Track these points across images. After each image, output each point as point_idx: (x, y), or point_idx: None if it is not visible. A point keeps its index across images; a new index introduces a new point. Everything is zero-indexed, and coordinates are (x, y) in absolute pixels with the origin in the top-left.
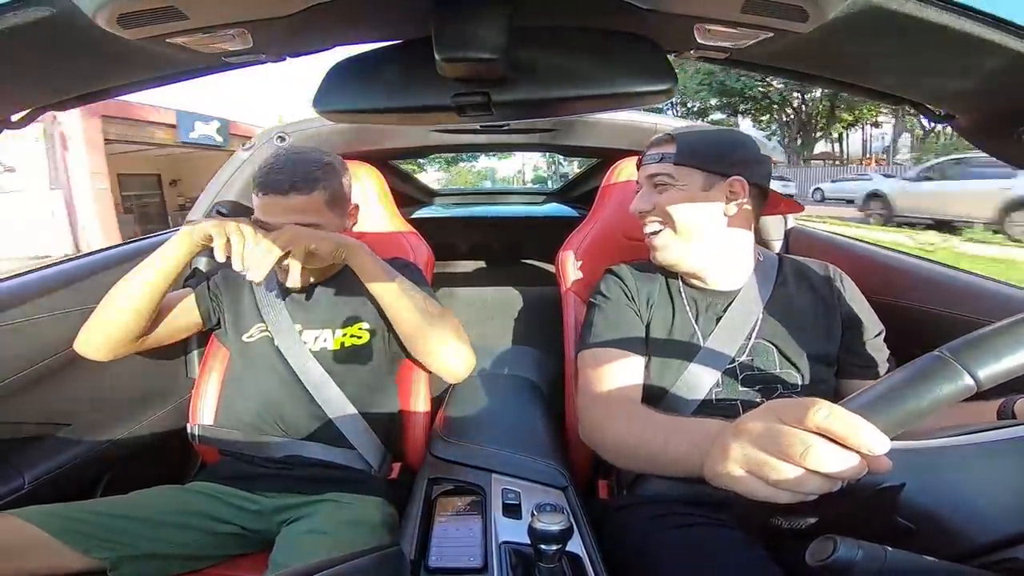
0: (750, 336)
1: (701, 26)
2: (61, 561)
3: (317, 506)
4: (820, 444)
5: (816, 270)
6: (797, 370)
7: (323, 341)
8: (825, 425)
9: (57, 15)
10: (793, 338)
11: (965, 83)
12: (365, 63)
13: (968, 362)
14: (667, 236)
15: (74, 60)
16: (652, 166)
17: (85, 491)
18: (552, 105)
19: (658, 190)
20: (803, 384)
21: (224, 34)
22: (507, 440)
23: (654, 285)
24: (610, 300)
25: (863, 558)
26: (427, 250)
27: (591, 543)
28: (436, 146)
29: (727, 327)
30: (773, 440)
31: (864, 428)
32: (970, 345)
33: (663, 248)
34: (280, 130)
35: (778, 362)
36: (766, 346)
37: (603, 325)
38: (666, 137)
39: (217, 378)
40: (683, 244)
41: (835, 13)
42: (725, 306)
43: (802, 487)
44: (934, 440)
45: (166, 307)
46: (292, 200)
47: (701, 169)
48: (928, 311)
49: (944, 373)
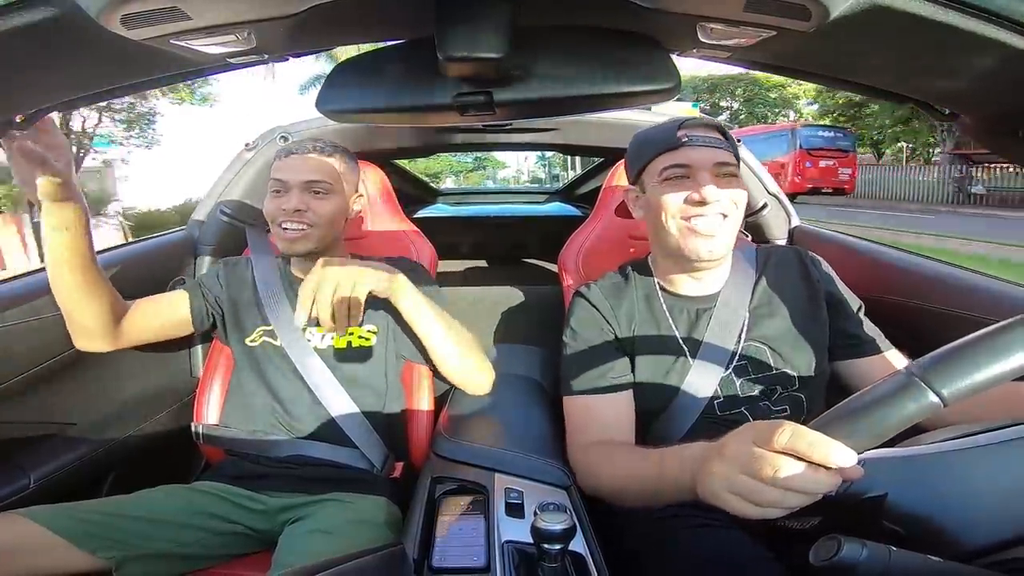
0: (739, 339)
1: (704, 25)
2: (67, 561)
3: (321, 505)
4: (787, 464)
5: (791, 256)
6: (793, 366)
7: (327, 340)
8: (790, 446)
9: (61, 16)
10: (784, 333)
11: (970, 82)
12: (367, 63)
13: (933, 380)
14: (727, 228)
15: (78, 61)
16: (716, 152)
17: (90, 490)
18: (554, 104)
19: (724, 179)
20: (800, 377)
21: (227, 34)
22: (510, 439)
23: (631, 302)
24: (580, 336)
25: (867, 558)
26: (430, 249)
27: (594, 543)
28: (438, 145)
29: (715, 334)
30: (748, 463)
31: (826, 445)
32: (936, 363)
33: (719, 240)
34: (283, 130)
35: (773, 361)
36: (758, 347)
37: (579, 368)
38: (709, 121)
39: (221, 377)
40: (730, 238)
41: (838, 12)
42: (708, 312)
43: (784, 503)
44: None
45: (156, 304)
46: (310, 159)
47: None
48: (937, 310)
49: (910, 392)
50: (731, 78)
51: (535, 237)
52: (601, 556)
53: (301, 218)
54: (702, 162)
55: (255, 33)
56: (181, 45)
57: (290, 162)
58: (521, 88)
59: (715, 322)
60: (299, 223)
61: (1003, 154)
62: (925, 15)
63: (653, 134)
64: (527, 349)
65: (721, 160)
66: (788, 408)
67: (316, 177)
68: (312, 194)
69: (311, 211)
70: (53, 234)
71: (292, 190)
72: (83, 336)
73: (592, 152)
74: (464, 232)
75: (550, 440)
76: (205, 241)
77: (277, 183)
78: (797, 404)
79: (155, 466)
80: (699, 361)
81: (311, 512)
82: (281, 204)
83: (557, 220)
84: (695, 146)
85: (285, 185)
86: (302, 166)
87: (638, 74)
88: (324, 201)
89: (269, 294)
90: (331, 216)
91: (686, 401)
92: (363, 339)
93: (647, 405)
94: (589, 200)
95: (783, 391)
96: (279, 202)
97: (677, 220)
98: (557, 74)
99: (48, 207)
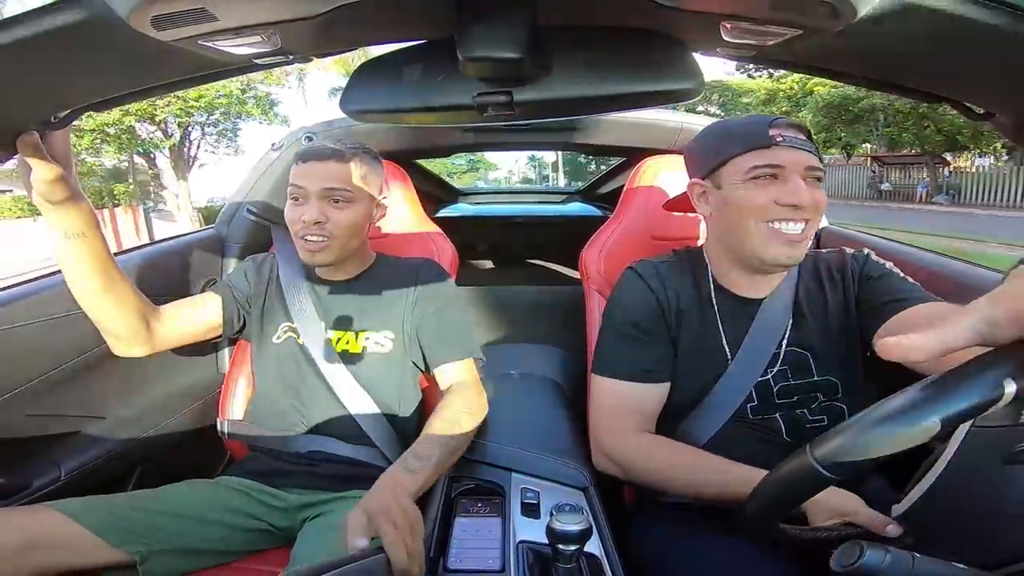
0: (781, 344)
1: (727, 23)
2: (92, 554)
3: (339, 503)
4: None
5: (832, 261)
6: (835, 376)
7: (346, 343)
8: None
9: (93, 17)
10: (826, 342)
11: (1003, 80)
12: (389, 63)
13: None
14: (808, 236)
15: (110, 61)
16: (807, 156)
17: (117, 484)
18: (575, 104)
19: (811, 184)
20: (844, 385)
21: (253, 35)
22: (528, 439)
23: (684, 289)
24: (628, 313)
25: (890, 564)
26: (451, 249)
27: (611, 545)
28: (460, 145)
29: (758, 336)
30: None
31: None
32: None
33: (801, 247)
34: (308, 130)
35: (815, 370)
36: (800, 354)
37: (620, 349)
38: (797, 123)
39: (247, 374)
40: (808, 247)
41: (866, 10)
42: (753, 314)
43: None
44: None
45: (187, 308)
46: (328, 164)
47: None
48: None
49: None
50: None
51: (555, 237)
52: (617, 558)
53: (321, 230)
54: (794, 165)
55: (280, 34)
56: (209, 46)
57: (308, 169)
58: (542, 88)
59: (759, 323)
60: (319, 235)
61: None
62: (956, 12)
63: (737, 129)
64: (546, 349)
65: (811, 164)
66: (826, 419)
67: (335, 185)
68: (331, 203)
69: (331, 222)
70: (63, 243)
71: (311, 199)
72: (116, 340)
73: (613, 152)
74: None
75: (568, 441)
76: (232, 240)
77: (296, 189)
78: (838, 416)
79: (180, 461)
80: (738, 362)
81: (329, 509)
82: (301, 215)
83: (577, 220)
84: (788, 147)
85: (304, 192)
86: (320, 173)
87: (660, 73)
88: (344, 211)
89: (293, 292)
90: (351, 225)
91: (720, 400)
92: (379, 344)
93: (680, 399)
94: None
95: (824, 399)
96: (299, 211)
97: (761, 222)
98: (577, 74)
99: (51, 212)
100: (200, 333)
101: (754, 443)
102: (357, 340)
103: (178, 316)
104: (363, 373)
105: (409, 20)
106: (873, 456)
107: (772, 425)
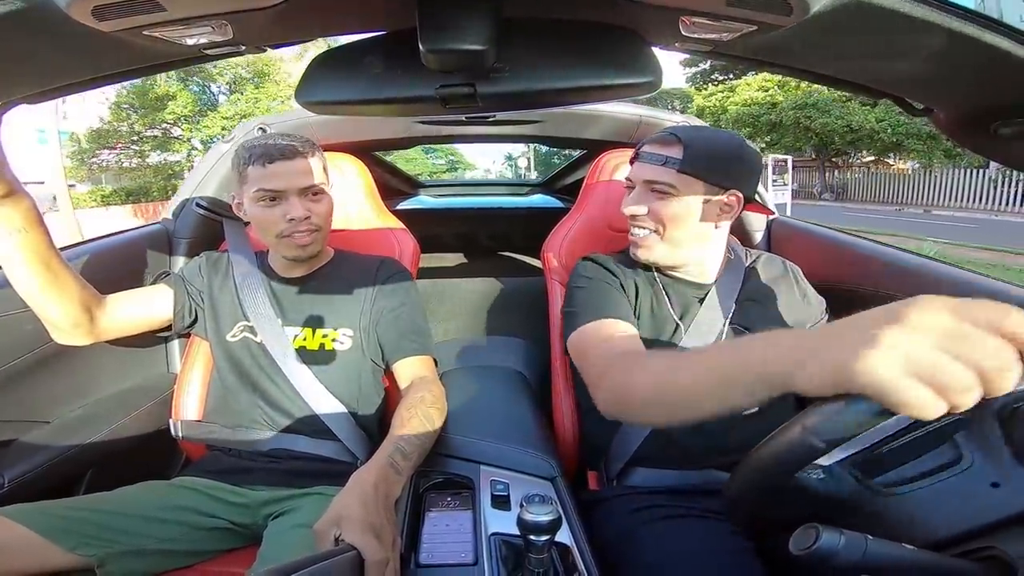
0: (725, 323)
1: (686, 19)
2: (47, 560)
3: (304, 499)
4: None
5: (776, 263)
6: None
7: (303, 340)
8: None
9: (29, 7)
10: (763, 321)
11: (943, 77)
12: (348, 54)
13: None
14: (654, 239)
15: (47, 53)
16: (653, 169)
17: (67, 489)
18: (538, 97)
19: (655, 195)
20: None
21: (203, 25)
22: (495, 431)
23: (634, 274)
24: (593, 279)
25: (845, 546)
26: (412, 242)
27: (580, 533)
28: (421, 137)
29: (705, 317)
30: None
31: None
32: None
33: (647, 249)
34: (261, 121)
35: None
36: (740, 331)
37: (590, 302)
38: (672, 137)
39: (200, 373)
40: (668, 248)
41: (818, 7)
42: (701, 298)
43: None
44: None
45: (137, 297)
46: (299, 162)
47: (704, 180)
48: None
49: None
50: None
51: (518, 229)
52: (587, 546)
53: (308, 224)
54: (637, 176)
55: (232, 24)
56: (155, 36)
57: (279, 169)
58: (505, 80)
59: (706, 306)
60: (307, 230)
61: (975, 150)
62: (902, 11)
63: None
64: (510, 340)
65: (652, 178)
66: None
67: (311, 181)
68: (310, 197)
69: (314, 215)
70: (3, 239)
71: (291, 198)
72: (57, 331)
73: (575, 144)
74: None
75: (535, 431)
76: (180, 235)
77: (268, 192)
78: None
79: (133, 463)
80: (688, 337)
81: (295, 506)
82: (285, 214)
83: (540, 212)
84: (640, 162)
85: (281, 194)
86: (294, 172)
87: (620, 67)
88: (322, 202)
89: (248, 289)
90: (329, 214)
91: None
92: (339, 343)
93: None
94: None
95: None
96: (281, 211)
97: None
98: (540, 67)
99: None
100: (146, 324)
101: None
102: (314, 337)
103: (124, 305)
104: (322, 370)
105: (368, 10)
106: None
107: None
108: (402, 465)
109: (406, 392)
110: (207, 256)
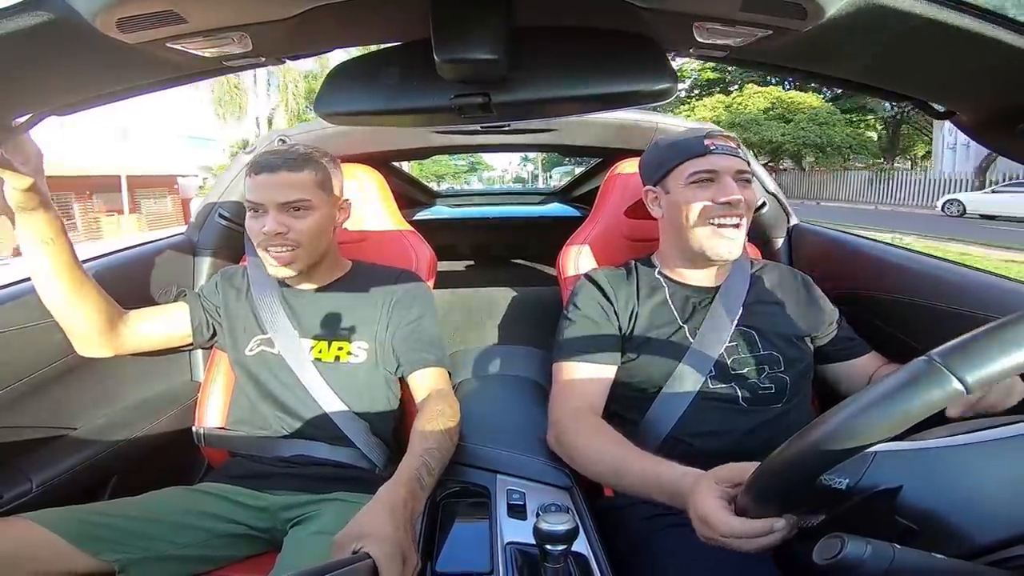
0: (733, 326)
1: (700, 24)
2: (71, 564)
3: (323, 505)
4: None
5: (783, 270)
6: (778, 350)
7: (319, 352)
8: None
9: (57, 20)
10: (771, 323)
11: (965, 80)
12: (364, 66)
13: (956, 367)
14: (742, 231)
15: (74, 65)
16: (736, 160)
17: (92, 494)
18: (552, 105)
19: (741, 184)
20: (785, 359)
21: (224, 37)
22: (511, 440)
23: (633, 287)
24: (580, 311)
25: (871, 556)
26: (429, 251)
27: (597, 543)
28: (437, 147)
29: (713, 320)
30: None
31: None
32: (959, 349)
33: (737, 241)
34: (281, 133)
35: (761, 345)
36: (748, 332)
37: (572, 337)
38: (726, 132)
39: (222, 381)
40: (744, 241)
41: (833, 10)
42: (709, 301)
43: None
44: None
45: (157, 315)
46: (280, 176)
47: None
48: (933, 307)
49: (934, 378)
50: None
51: (534, 238)
52: (604, 556)
53: (284, 240)
54: (726, 168)
55: (252, 36)
56: (177, 48)
57: (261, 181)
58: (519, 89)
59: (714, 310)
60: (282, 245)
61: (999, 151)
62: (920, 13)
63: (679, 142)
64: (527, 350)
65: (740, 168)
66: (774, 387)
67: (291, 197)
68: (291, 212)
69: (292, 231)
70: (33, 249)
71: (269, 212)
72: (80, 342)
73: (590, 152)
74: (463, 234)
75: None
76: (203, 245)
77: (251, 204)
78: (782, 384)
79: (157, 469)
80: (697, 342)
81: (314, 512)
82: (260, 227)
83: (555, 221)
84: (720, 154)
85: (261, 207)
86: (273, 186)
87: (635, 74)
88: (305, 219)
89: (265, 303)
90: (313, 231)
91: (686, 375)
92: (353, 356)
93: (652, 378)
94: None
95: (770, 371)
96: (259, 224)
97: (704, 220)
98: (554, 75)
99: (21, 219)
100: (166, 340)
101: (721, 413)
102: (330, 349)
103: (145, 321)
104: (339, 382)
105: (384, 22)
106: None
107: (732, 394)
108: (427, 481)
109: (423, 404)
110: (223, 273)
